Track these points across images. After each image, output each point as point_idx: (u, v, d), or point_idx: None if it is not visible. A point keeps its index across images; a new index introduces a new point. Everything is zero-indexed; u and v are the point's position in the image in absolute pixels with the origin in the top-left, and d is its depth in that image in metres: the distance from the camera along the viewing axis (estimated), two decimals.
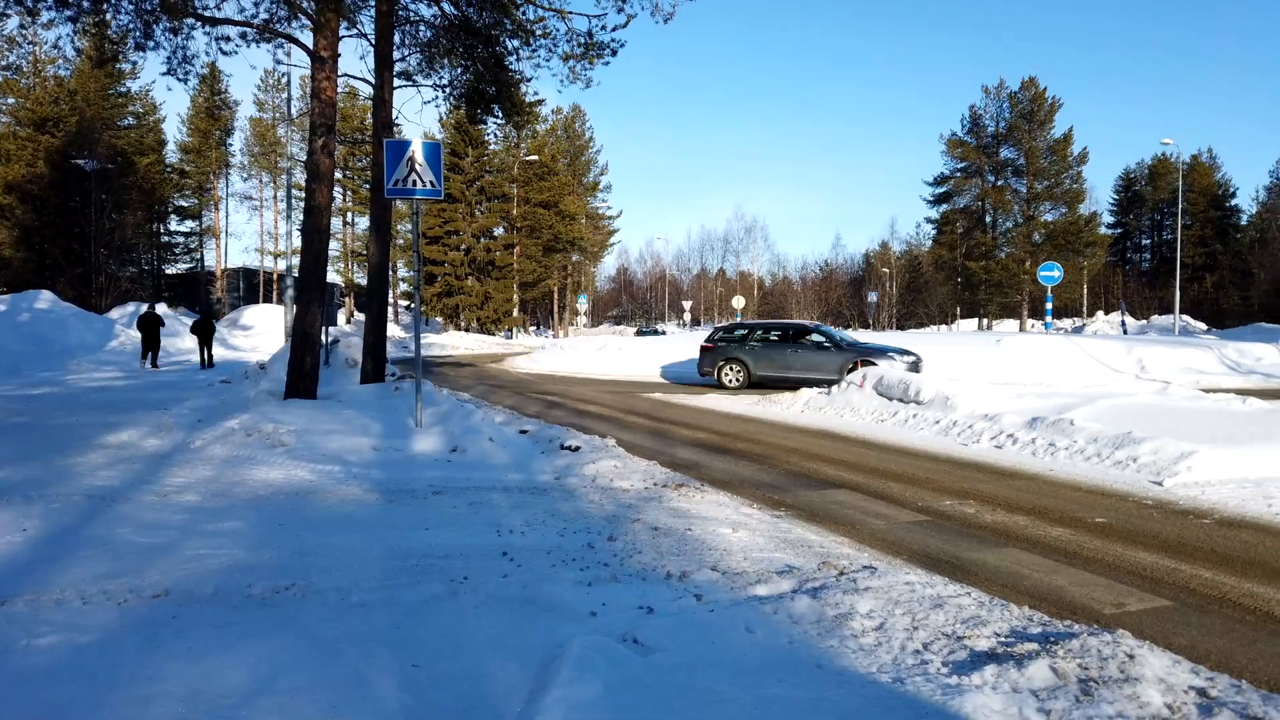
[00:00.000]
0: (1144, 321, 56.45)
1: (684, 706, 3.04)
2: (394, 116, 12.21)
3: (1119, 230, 75.93)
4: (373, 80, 12.03)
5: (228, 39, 11.25)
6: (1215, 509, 6.80)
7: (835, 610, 4.03)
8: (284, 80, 53.91)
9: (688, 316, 64.73)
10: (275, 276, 55.69)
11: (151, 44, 10.93)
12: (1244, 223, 66.70)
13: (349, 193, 54.26)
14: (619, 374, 24.45)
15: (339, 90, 11.39)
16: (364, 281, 33.70)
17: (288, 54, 18.33)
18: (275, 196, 56.40)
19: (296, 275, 12.90)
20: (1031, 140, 56.50)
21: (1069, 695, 3.10)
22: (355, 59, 47.09)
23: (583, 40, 12.48)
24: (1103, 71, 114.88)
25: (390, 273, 51.17)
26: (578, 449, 9.20)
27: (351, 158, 51.96)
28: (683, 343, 26.85)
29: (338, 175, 48.37)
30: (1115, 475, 8.16)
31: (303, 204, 11.55)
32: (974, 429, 10.63)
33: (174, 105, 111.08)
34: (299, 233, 13.26)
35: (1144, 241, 78.09)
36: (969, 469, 8.82)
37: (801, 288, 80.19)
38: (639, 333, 59.99)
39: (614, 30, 12.43)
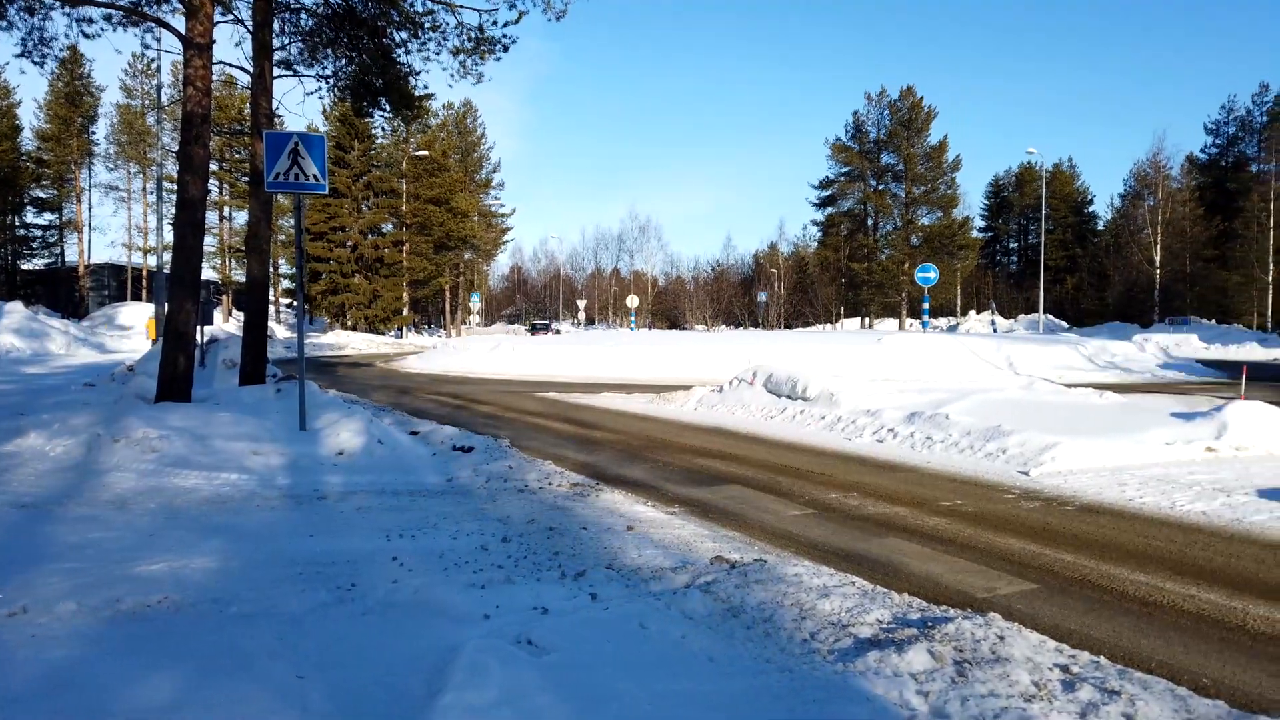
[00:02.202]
0: (1012, 321, 59.88)
1: (579, 706, 3.04)
2: (275, 107, 11.72)
3: (989, 234, 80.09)
4: (251, 69, 11.52)
5: (91, 21, 10.57)
6: (1076, 496, 7.27)
7: (727, 604, 4.12)
8: (154, 66, 51.12)
9: (582, 315, 64.67)
10: (145, 273, 52.66)
11: (4, 24, 10.15)
12: (1100, 228, 71.47)
13: (226, 186, 51.77)
14: (514, 374, 24.22)
15: (215, 78, 10.87)
16: (242, 278, 32.31)
17: (157, 39, 17.31)
18: (145, 189, 53.28)
19: (169, 272, 12.23)
20: (910, 147, 59.01)
21: (945, 677, 3.26)
22: (232, 46, 44.95)
23: (473, 35, 12.29)
24: (974, 83, 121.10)
25: (271, 269, 49.17)
26: (471, 450, 9.08)
27: (228, 149, 49.57)
28: (597, 345, 26.84)
29: (213, 167, 46.16)
30: (986, 466, 8.62)
31: (175, 197, 10.96)
32: (857, 424, 11.03)
33: (30, 90, 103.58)
34: (171, 227, 12.57)
35: (1012, 245, 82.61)
36: (853, 462, 9.15)
37: (694, 287, 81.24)
38: (532, 330, 59.35)
39: (505, 26, 12.30)
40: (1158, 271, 54.65)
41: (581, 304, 65.11)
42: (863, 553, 5.61)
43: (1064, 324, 58.12)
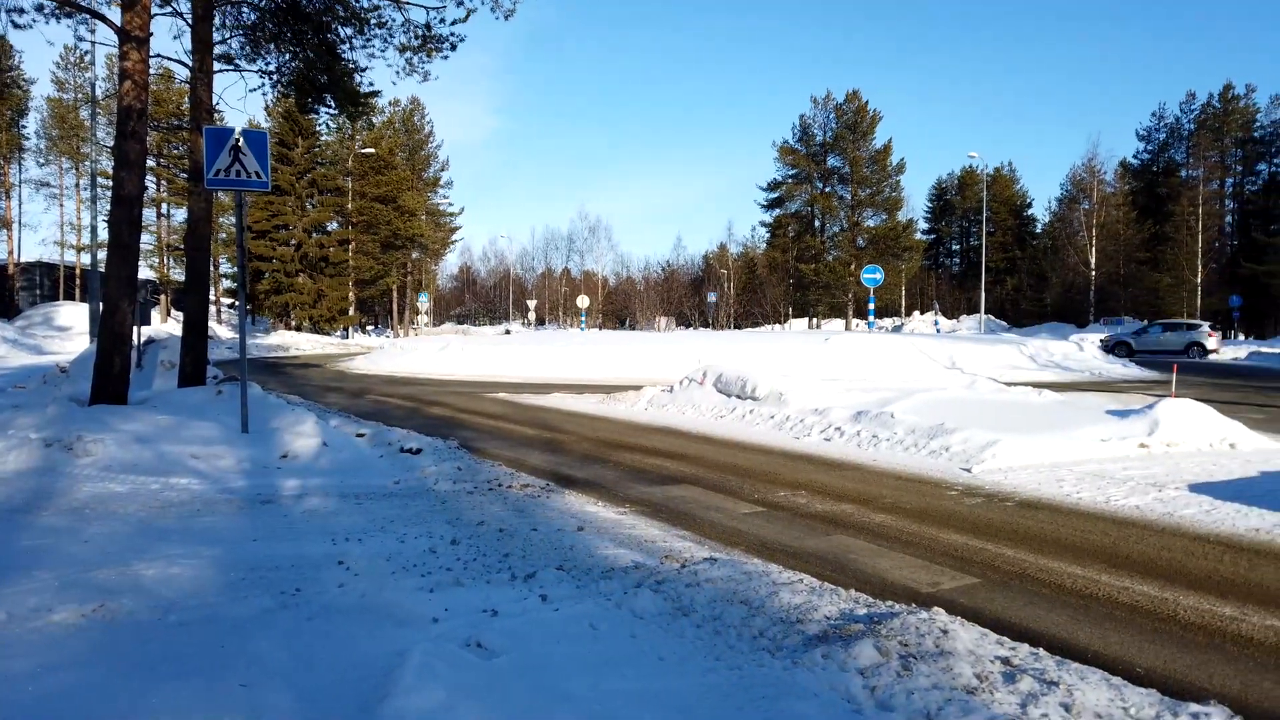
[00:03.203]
0: (955, 321, 61.13)
1: (528, 708, 3.03)
2: (215, 102, 11.44)
3: (933, 236, 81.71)
4: (190, 63, 11.22)
5: (22, 11, 10.19)
6: (1016, 492, 7.46)
7: (677, 603, 4.14)
8: (88, 59, 49.48)
9: (533, 315, 64.33)
10: (79, 272, 50.97)
11: None
12: (1039, 231, 73.44)
13: (164, 182, 50.32)
14: (463, 374, 23.99)
15: (152, 72, 10.56)
16: (182, 277, 31.41)
17: (92, 30, 16.78)
18: (78, 185, 51.56)
19: (104, 270, 11.85)
20: (855, 150, 59.84)
21: (891, 671, 3.32)
22: (170, 38, 43.34)
23: (420, 32, 12.15)
24: (917, 88, 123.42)
25: (212, 268, 47.96)
26: (419, 451, 8.97)
27: (166, 145, 48.19)
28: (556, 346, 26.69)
29: (151, 163, 44.87)
30: (930, 463, 8.80)
31: (110, 193, 10.63)
32: (805, 423, 11.17)
33: None
34: (106, 224, 12.19)
35: (954, 247, 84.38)
36: (801, 461, 9.26)
37: (645, 287, 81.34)
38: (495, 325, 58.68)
39: (453, 24, 12.18)
40: (1093, 273, 56.30)
41: (532, 304, 64.79)
42: (811, 550, 5.68)
43: (1004, 324, 59.53)
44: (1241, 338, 50.34)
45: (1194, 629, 4.22)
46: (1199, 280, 51.46)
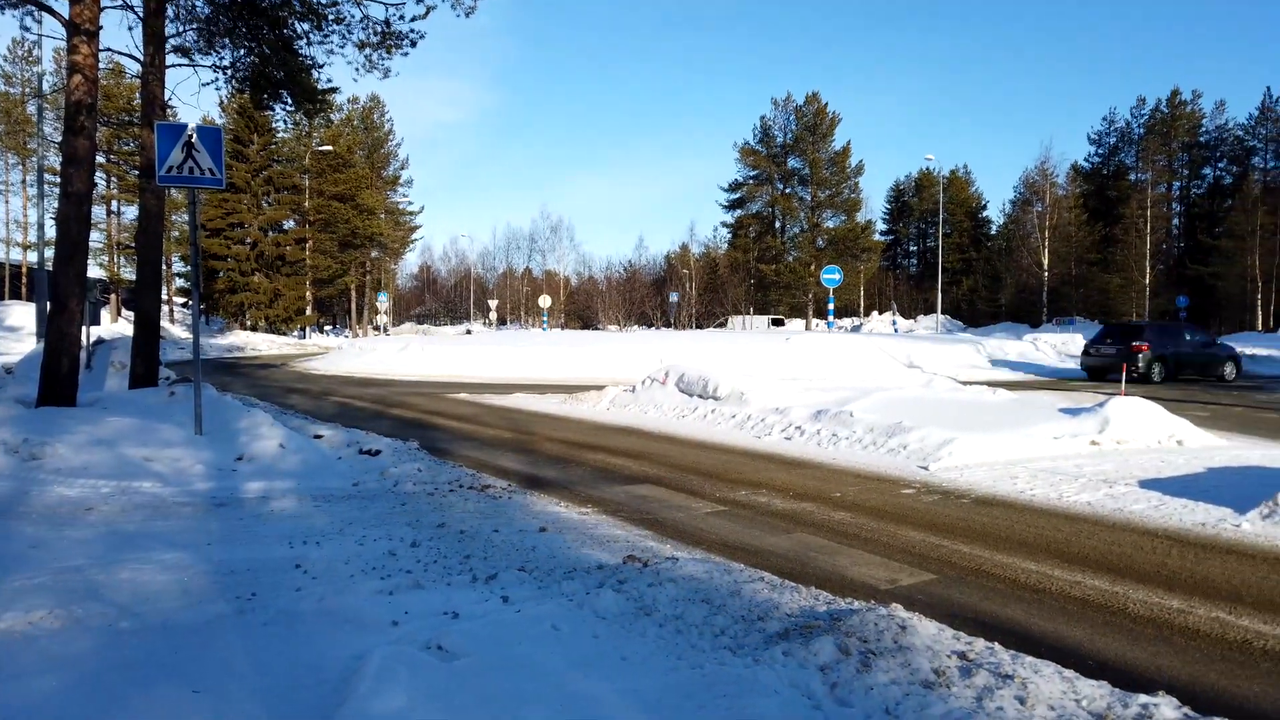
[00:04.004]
0: (912, 321, 62.00)
1: (490, 711, 3.01)
2: (167, 98, 11.18)
3: (891, 237, 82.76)
4: (142, 57, 10.97)
5: None
6: (972, 489, 7.59)
7: (639, 603, 4.14)
8: (35, 52, 48.12)
9: (494, 315, 63.93)
10: (25, 270, 49.57)
11: None
12: (994, 232, 74.76)
13: (114, 179, 49.09)
14: (423, 375, 23.77)
15: (102, 66, 10.30)
16: (133, 276, 30.69)
17: (39, 21, 16.29)
18: (25, 181, 50.14)
19: (51, 269, 11.53)
20: (815, 152, 60.41)
21: (851, 667, 3.35)
22: (122, 31, 42.45)
23: (380, 29, 12.00)
24: (876, 91, 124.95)
25: (165, 267, 46.88)
26: (378, 453, 8.87)
27: (117, 140, 47.01)
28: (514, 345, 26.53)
29: (100, 159, 43.74)
30: (889, 461, 8.91)
31: (58, 190, 10.35)
32: (766, 422, 11.25)
33: None
34: (54, 222, 11.87)
35: (912, 248, 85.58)
36: (762, 460, 9.32)
37: (607, 287, 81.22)
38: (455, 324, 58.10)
39: (413, 20, 12.05)
40: (1046, 274, 57.43)
41: (493, 304, 64.40)
42: (772, 548, 5.72)
43: (961, 324, 60.50)
44: None
45: (1143, 622, 4.33)
46: (1147, 281, 52.78)
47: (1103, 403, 10.31)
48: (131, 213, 48.75)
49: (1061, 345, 29.57)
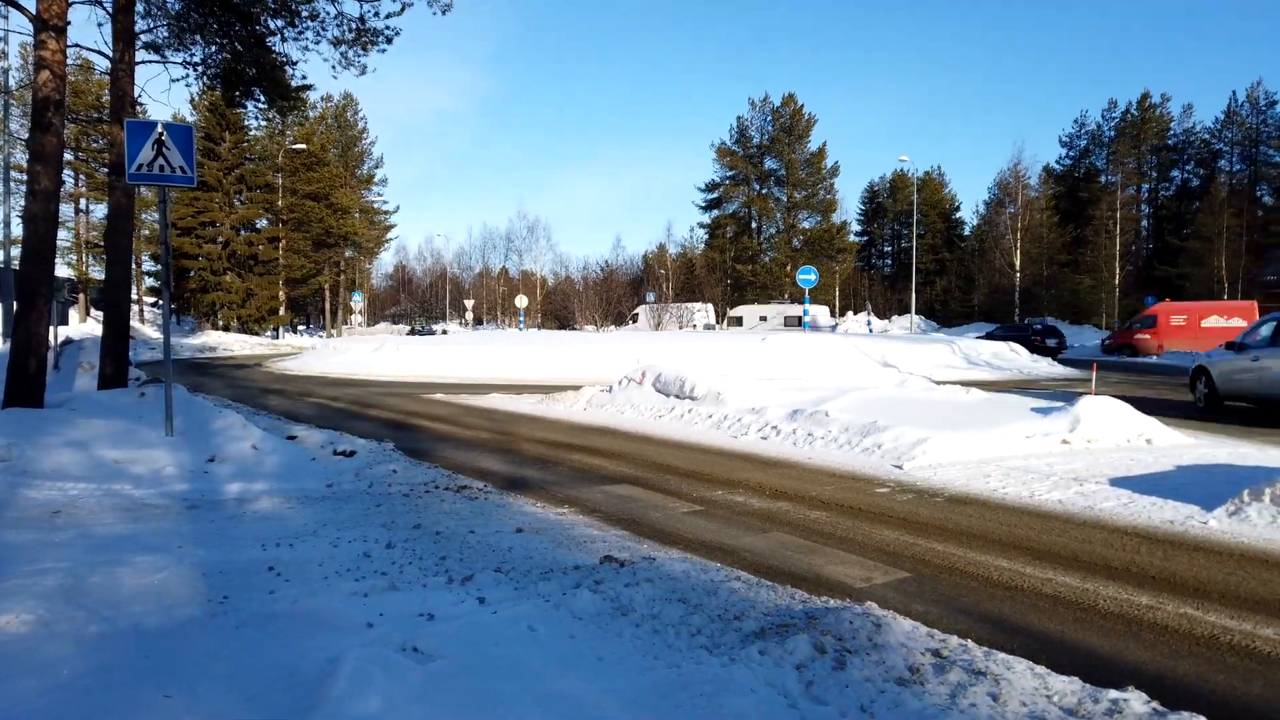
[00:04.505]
0: (887, 321, 62.45)
1: (467, 712, 3.00)
2: (138, 94, 11.02)
3: (865, 238, 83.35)
4: (111, 53, 10.81)
5: None
6: (945, 488, 7.66)
7: (616, 603, 4.14)
8: (1, 47, 47.27)
9: (470, 315, 63.62)
10: None
11: None
12: (967, 233, 75.49)
13: (83, 177, 48.39)
14: (399, 375, 23.61)
15: (71, 62, 10.13)
16: (102, 276, 30.20)
17: (5, 16, 16.02)
18: None
19: (18, 268, 11.33)
20: (791, 153, 60.84)
21: (826, 666, 3.37)
22: (91, 26, 41.52)
23: (354, 25, 11.91)
24: (851, 92, 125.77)
25: (135, 266, 46.28)
26: (353, 454, 8.81)
27: (85, 138, 46.32)
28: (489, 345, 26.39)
29: (68, 157, 43.11)
30: (864, 461, 8.97)
31: (25, 188, 10.17)
32: (742, 422, 11.28)
33: None
34: (21, 220, 11.66)
35: (886, 249, 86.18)
36: (738, 459, 9.35)
37: (584, 287, 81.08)
38: (412, 333, 57.58)
39: (389, 17, 11.98)
40: (1018, 275, 58.11)
41: (469, 304, 64.06)
42: (748, 547, 5.74)
43: (935, 324, 61.05)
44: None
45: (1113, 618, 4.39)
46: (1117, 282, 53.56)
47: (1073, 402, 10.44)
48: (100, 211, 48.06)
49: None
